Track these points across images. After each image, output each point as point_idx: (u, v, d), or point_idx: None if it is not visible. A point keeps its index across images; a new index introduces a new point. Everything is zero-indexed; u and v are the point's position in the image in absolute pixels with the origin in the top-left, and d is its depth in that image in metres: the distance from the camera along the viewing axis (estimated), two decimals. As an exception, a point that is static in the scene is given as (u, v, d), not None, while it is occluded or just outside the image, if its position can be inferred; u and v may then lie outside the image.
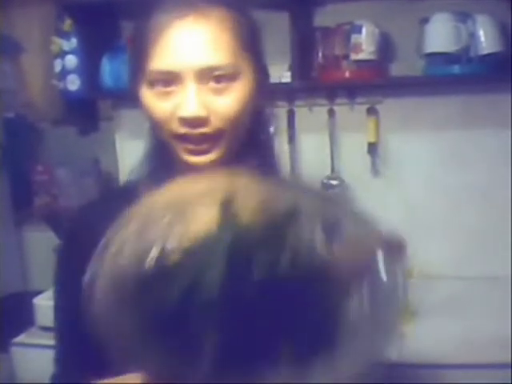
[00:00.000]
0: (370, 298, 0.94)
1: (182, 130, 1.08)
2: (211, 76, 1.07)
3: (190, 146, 1.09)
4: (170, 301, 0.85)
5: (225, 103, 1.08)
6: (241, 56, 1.10)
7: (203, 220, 0.90)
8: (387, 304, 0.97)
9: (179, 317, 0.85)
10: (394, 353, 1.02)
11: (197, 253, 0.88)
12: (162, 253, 0.88)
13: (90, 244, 0.95)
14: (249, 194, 0.94)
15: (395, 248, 0.99)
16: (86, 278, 0.90)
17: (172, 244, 0.88)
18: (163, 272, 0.88)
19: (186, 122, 1.07)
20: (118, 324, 0.89)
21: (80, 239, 1.16)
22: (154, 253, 0.88)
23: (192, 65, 1.06)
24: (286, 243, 0.89)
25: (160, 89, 1.08)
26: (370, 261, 0.96)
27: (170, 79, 1.07)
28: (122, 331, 0.89)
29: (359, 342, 0.94)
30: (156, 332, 0.87)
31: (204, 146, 1.09)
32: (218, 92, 1.08)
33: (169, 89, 1.08)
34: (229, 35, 1.08)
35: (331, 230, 0.93)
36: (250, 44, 1.13)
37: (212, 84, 1.07)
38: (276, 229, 0.90)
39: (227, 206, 0.90)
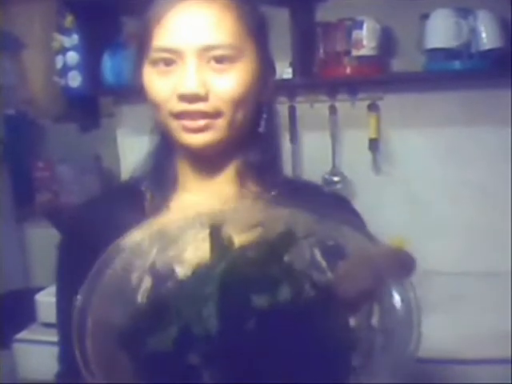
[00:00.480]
0: (381, 326, 0.88)
1: (180, 106, 1.09)
2: (212, 55, 1.08)
3: (186, 122, 1.09)
4: (165, 337, 0.81)
5: (225, 83, 1.09)
6: (243, 40, 1.11)
7: (195, 247, 0.88)
8: (401, 334, 0.86)
9: (176, 353, 0.82)
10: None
11: (190, 283, 0.84)
12: (154, 285, 0.86)
13: (92, 241, 0.97)
14: (241, 217, 0.92)
15: (406, 267, 0.88)
16: (78, 303, 0.87)
17: (164, 274, 0.86)
18: (157, 306, 0.84)
19: (184, 98, 1.08)
20: (111, 360, 0.85)
21: (81, 236, 1.16)
22: (145, 285, 0.86)
23: (193, 43, 1.08)
24: (284, 270, 0.84)
25: (162, 67, 1.10)
26: (379, 285, 0.89)
27: (171, 58, 1.09)
28: (115, 367, 0.85)
29: (372, 376, 0.86)
30: (152, 368, 0.83)
31: (200, 123, 1.09)
32: (218, 72, 1.09)
33: (170, 67, 1.10)
34: (232, 19, 1.10)
35: (332, 254, 0.89)
36: (255, 31, 1.14)
37: (213, 64, 1.09)
38: (272, 255, 0.86)
39: (217, 232, 0.87)
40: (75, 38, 2.46)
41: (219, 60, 1.09)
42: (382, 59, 2.38)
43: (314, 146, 2.57)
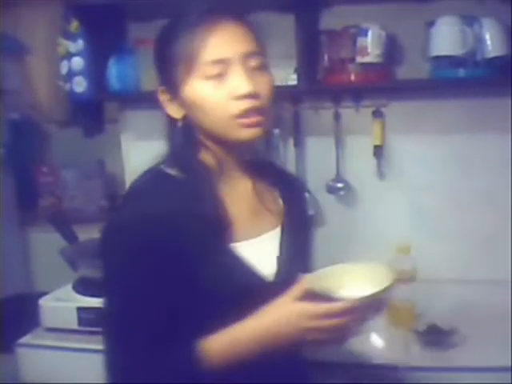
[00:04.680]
0: None
1: (241, 106, 1.31)
2: (251, 63, 1.33)
3: (245, 120, 1.32)
4: None
5: (264, 84, 1.35)
6: (263, 51, 1.38)
7: None
8: None
9: None
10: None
11: None
12: None
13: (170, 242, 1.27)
14: None
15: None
16: None
17: None
18: None
19: (243, 97, 1.31)
20: None
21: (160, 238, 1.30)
22: None
23: (237, 51, 1.32)
24: None
25: (213, 78, 1.32)
26: None
27: (221, 68, 1.31)
28: None
29: None
30: None
31: (255, 119, 1.33)
32: (258, 74, 1.34)
33: (221, 77, 1.32)
34: (254, 32, 1.37)
35: None
36: (264, 46, 1.39)
37: (253, 70, 1.33)
38: None
39: None
40: (80, 44, 2.46)
41: (256, 67, 1.34)
42: (386, 66, 2.38)
43: (318, 153, 2.57)
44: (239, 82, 1.31)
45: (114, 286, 1.33)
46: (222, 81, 1.32)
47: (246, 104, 1.31)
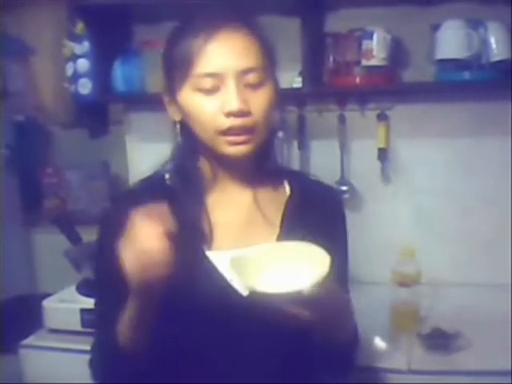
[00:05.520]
0: None
1: (228, 123, 1.28)
2: (247, 80, 1.29)
3: (232, 138, 1.29)
4: None
5: (259, 102, 1.30)
6: (266, 62, 1.33)
7: None
8: None
9: None
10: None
11: None
12: None
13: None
14: None
15: None
16: None
17: None
18: None
19: (232, 114, 1.27)
20: None
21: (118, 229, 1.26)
22: None
23: (233, 67, 1.28)
24: None
25: (205, 91, 1.29)
26: None
27: (213, 82, 1.28)
28: None
29: None
30: None
31: (243, 138, 1.30)
32: (253, 92, 1.30)
33: (213, 90, 1.29)
34: (256, 46, 1.31)
35: None
36: (270, 56, 1.35)
37: (248, 87, 1.29)
38: None
39: None
40: (86, 45, 2.46)
41: (252, 84, 1.29)
42: (391, 69, 2.37)
43: (323, 156, 2.57)
44: (230, 99, 1.27)
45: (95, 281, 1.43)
46: (215, 94, 1.29)
47: (235, 121, 1.28)
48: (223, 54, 1.28)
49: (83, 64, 2.47)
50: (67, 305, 2.27)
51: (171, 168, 1.41)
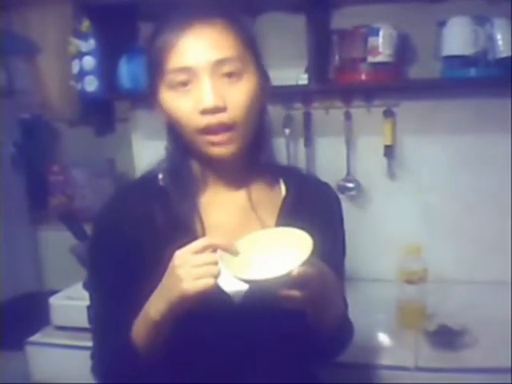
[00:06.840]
0: None
1: (204, 121, 1.22)
2: (223, 71, 1.23)
3: (212, 138, 1.24)
4: None
5: (237, 95, 1.24)
6: (244, 54, 1.27)
7: None
8: None
9: None
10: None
11: None
12: None
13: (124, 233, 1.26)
14: None
15: None
16: None
17: None
18: None
19: (206, 111, 1.22)
20: None
21: (113, 230, 1.31)
22: None
23: (205, 60, 1.22)
24: None
25: (179, 88, 1.24)
26: None
27: (187, 77, 1.23)
28: None
29: None
30: None
31: (224, 137, 1.24)
32: (230, 85, 1.24)
33: (187, 87, 1.23)
34: (232, 36, 1.25)
35: None
36: (250, 45, 1.29)
37: (224, 79, 1.23)
38: None
39: None
40: (92, 43, 2.46)
41: (229, 75, 1.23)
42: (398, 66, 2.37)
43: (329, 153, 2.57)
44: (204, 95, 1.21)
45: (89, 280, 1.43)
46: (190, 91, 1.24)
47: (211, 119, 1.22)
48: (195, 47, 1.23)
49: (89, 61, 2.47)
50: (74, 302, 2.27)
51: (164, 168, 1.38)
